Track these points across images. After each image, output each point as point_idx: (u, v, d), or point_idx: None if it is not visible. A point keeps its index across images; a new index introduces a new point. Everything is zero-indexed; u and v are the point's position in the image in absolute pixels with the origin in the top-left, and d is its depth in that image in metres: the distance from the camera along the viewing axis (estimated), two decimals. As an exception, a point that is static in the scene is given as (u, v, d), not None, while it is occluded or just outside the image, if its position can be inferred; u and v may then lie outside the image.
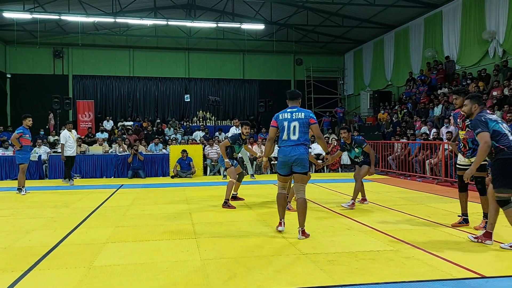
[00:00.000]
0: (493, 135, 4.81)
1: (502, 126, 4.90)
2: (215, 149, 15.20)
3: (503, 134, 4.81)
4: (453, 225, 6.00)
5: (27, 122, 10.33)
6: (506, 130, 4.89)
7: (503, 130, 4.84)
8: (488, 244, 4.95)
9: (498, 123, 4.90)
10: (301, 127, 5.39)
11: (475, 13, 15.37)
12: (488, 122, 4.85)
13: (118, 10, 19.02)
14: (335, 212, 7.23)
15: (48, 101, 20.26)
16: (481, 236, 5.07)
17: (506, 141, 4.78)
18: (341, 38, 23.30)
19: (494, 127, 4.84)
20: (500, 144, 4.79)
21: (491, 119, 4.91)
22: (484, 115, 4.95)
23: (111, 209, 7.75)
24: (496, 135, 4.81)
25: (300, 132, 5.38)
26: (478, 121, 4.91)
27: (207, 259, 4.45)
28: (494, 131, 4.82)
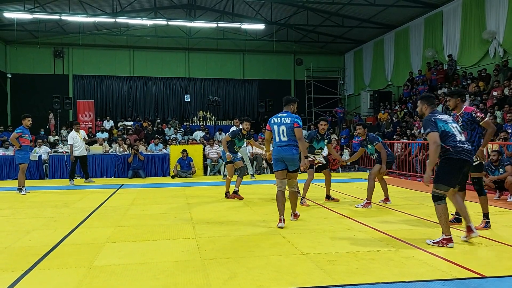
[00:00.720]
0: (442, 135, 4.85)
1: (451, 126, 4.94)
2: (215, 149, 15.20)
3: (451, 135, 4.87)
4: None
5: (26, 122, 10.34)
6: (455, 130, 4.94)
7: (452, 131, 4.89)
8: (474, 236, 5.01)
9: (447, 123, 4.94)
10: (288, 130, 6.05)
11: (475, 13, 15.36)
12: (437, 122, 4.89)
13: (118, 10, 19.02)
14: (335, 212, 7.23)
15: (48, 101, 20.28)
16: (468, 234, 5.07)
17: (452, 142, 4.84)
18: (341, 38, 23.29)
19: (443, 128, 4.89)
20: (447, 144, 4.86)
21: (441, 119, 4.94)
22: (434, 115, 4.98)
23: (111, 209, 7.76)
24: (444, 135, 4.86)
25: (288, 134, 6.06)
26: (427, 121, 4.95)
27: (207, 259, 4.45)
28: (443, 131, 4.87)
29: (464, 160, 4.82)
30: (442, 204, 4.91)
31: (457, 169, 4.86)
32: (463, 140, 4.92)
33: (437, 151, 4.82)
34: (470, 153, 4.91)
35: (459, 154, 4.81)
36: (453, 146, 4.83)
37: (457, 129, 4.99)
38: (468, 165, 4.93)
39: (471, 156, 4.92)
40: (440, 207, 4.91)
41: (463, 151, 4.83)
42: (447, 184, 4.87)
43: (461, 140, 4.89)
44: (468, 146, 4.92)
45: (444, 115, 5.06)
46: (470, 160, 4.89)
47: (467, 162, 4.86)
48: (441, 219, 4.94)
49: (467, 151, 4.85)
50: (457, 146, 4.82)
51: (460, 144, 4.84)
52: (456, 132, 4.91)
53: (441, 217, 4.92)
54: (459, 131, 4.98)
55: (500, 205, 7.80)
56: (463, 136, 5.00)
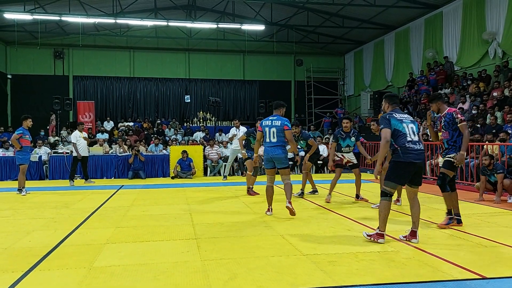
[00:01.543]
0: (394, 134, 5.01)
1: (405, 126, 5.06)
2: (215, 150, 15.20)
3: (402, 134, 5.00)
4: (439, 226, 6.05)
5: (27, 123, 10.35)
6: (410, 130, 5.05)
7: (404, 130, 5.02)
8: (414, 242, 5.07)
9: (402, 122, 5.07)
10: (278, 132, 6.70)
11: (475, 14, 15.38)
12: (391, 120, 5.06)
13: (118, 11, 19.03)
14: (335, 213, 7.23)
15: (48, 102, 20.27)
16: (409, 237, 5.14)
17: (402, 141, 4.98)
18: (341, 38, 23.31)
19: (396, 126, 5.03)
20: (396, 143, 5.01)
21: (396, 118, 5.08)
22: (391, 113, 5.14)
23: (111, 209, 7.75)
24: (396, 134, 5.01)
25: (277, 136, 6.71)
26: (382, 118, 5.14)
27: (207, 260, 4.44)
28: (395, 130, 5.02)
29: (411, 162, 4.97)
30: (386, 200, 5.07)
31: (405, 171, 5.02)
32: (414, 141, 5.02)
33: (386, 147, 5.02)
34: (419, 154, 5.02)
35: (407, 156, 4.95)
36: (402, 146, 4.97)
37: (412, 129, 5.09)
38: (416, 166, 5.03)
39: (420, 156, 5.04)
40: (383, 203, 5.07)
41: (411, 152, 4.96)
42: (395, 182, 5.04)
43: (412, 140, 5.00)
44: (418, 146, 5.03)
45: (402, 115, 5.19)
46: (418, 161, 5.01)
47: (414, 164, 4.99)
48: (380, 214, 5.08)
49: (415, 151, 4.98)
50: (405, 146, 4.96)
51: (409, 145, 4.97)
52: (409, 132, 5.03)
53: (381, 212, 5.07)
54: (413, 131, 5.08)
55: (500, 206, 7.79)
56: (416, 136, 5.08)
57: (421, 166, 5.15)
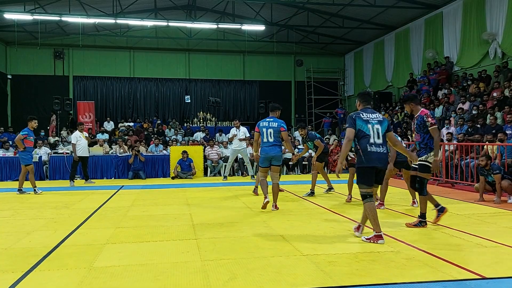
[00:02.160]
0: (358, 134, 5.03)
1: (370, 127, 5.04)
2: (215, 150, 15.20)
3: (365, 135, 5.00)
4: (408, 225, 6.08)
5: (32, 124, 10.39)
6: (373, 131, 5.03)
7: (368, 132, 5.01)
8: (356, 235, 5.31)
9: (368, 123, 5.05)
10: (275, 133, 7.24)
11: (476, 15, 15.37)
12: (357, 120, 5.05)
13: (118, 11, 19.03)
14: (335, 213, 7.23)
15: (48, 102, 20.27)
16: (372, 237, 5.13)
17: (363, 143, 5.00)
18: (341, 39, 23.31)
19: (360, 127, 5.03)
20: (359, 144, 5.05)
21: (362, 118, 5.08)
22: (358, 113, 5.15)
23: (111, 210, 7.76)
24: (360, 134, 5.03)
25: (274, 136, 7.24)
26: (349, 117, 5.17)
27: (207, 260, 4.45)
28: (359, 130, 5.03)
29: (371, 167, 5.03)
30: (368, 202, 5.08)
31: (369, 174, 5.07)
32: (377, 143, 5.02)
33: (348, 146, 5.10)
34: (381, 156, 5.03)
35: (368, 160, 4.99)
36: (363, 149, 5.01)
37: (378, 131, 5.05)
38: (378, 168, 5.09)
39: (381, 158, 5.05)
40: (367, 205, 5.09)
41: (372, 155, 4.98)
42: (366, 184, 5.09)
43: (374, 142, 5.01)
44: (381, 149, 5.04)
45: (371, 115, 5.15)
46: (379, 164, 5.04)
47: (374, 168, 5.04)
48: (369, 216, 5.12)
49: (376, 155, 5.00)
50: (366, 149, 4.99)
51: (371, 148, 4.99)
52: (372, 134, 5.02)
53: (369, 214, 5.11)
54: (378, 133, 5.05)
55: (500, 207, 7.78)
56: (380, 139, 5.06)
57: (383, 169, 5.19)
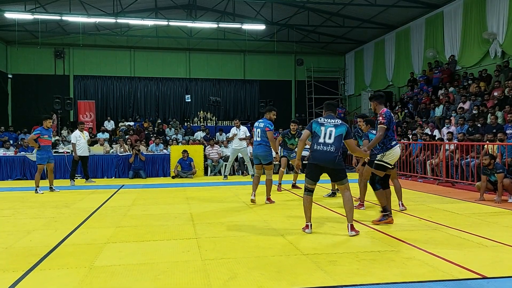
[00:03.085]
0: (313, 135, 5.61)
1: (324, 129, 5.51)
2: (215, 150, 15.20)
3: (317, 136, 5.55)
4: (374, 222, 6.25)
5: (47, 124, 10.42)
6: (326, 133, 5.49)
7: (319, 133, 5.53)
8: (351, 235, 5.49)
9: (322, 126, 5.56)
10: (261, 133, 7.89)
11: (476, 14, 15.35)
12: (312, 124, 5.67)
13: (119, 11, 19.03)
14: (336, 213, 7.23)
15: (49, 102, 20.25)
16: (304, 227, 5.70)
17: (313, 142, 5.56)
18: (342, 38, 23.29)
19: (315, 129, 5.61)
20: (312, 143, 5.61)
21: (318, 122, 5.64)
22: (316, 119, 5.71)
23: (112, 209, 7.76)
24: (314, 135, 5.60)
25: (261, 136, 7.87)
26: (310, 122, 5.80)
27: (207, 259, 4.45)
28: (314, 132, 5.60)
29: (314, 164, 5.55)
30: (307, 195, 5.65)
31: (311, 170, 5.61)
32: (326, 143, 5.47)
33: (300, 145, 5.76)
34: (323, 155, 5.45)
35: (312, 157, 5.56)
36: (312, 147, 5.57)
37: (330, 133, 5.49)
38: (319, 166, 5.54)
39: (323, 157, 5.45)
40: (304, 197, 5.68)
41: (316, 153, 5.49)
42: (308, 178, 5.64)
43: (323, 142, 5.48)
44: (327, 148, 5.45)
45: (329, 120, 5.62)
46: (320, 162, 5.49)
47: (316, 165, 5.54)
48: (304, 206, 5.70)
49: (320, 152, 5.47)
50: (313, 147, 5.54)
51: (317, 146, 5.49)
52: (324, 135, 5.50)
53: (304, 205, 5.69)
54: (330, 134, 5.48)
55: (500, 206, 7.78)
56: (331, 139, 5.46)
57: (328, 167, 5.52)
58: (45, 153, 10.28)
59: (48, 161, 10.35)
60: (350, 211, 5.56)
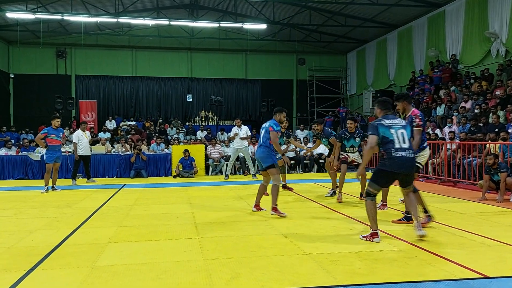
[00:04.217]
0: (382, 141, 5.08)
1: (393, 132, 5.06)
2: (217, 149, 15.20)
3: (390, 141, 5.03)
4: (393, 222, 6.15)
5: (55, 123, 10.46)
6: (397, 136, 5.04)
7: (391, 137, 5.04)
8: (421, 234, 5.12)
9: (391, 129, 5.08)
10: (264, 133, 7.05)
11: (478, 12, 15.32)
12: (379, 128, 5.10)
13: (120, 10, 19.04)
14: (337, 212, 7.22)
15: (51, 101, 20.27)
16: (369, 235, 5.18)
17: (389, 147, 5.02)
18: (343, 37, 23.26)
19: (383, 133, 5.07)
20: (384, 149, 5.08)
21: (384, 124, 5.12)
22: (380, 121, 5.19)
23: (113, 209, 7.76)
24: (383, 140, 5.07)
25: (263, 137, 7.04)
26: (371, 125, 5.23)
27: (209, 259, 4.45)
28: (383, 137, 5.07)
29: (394, 172, 5.07)
30: (370, 200, 5.18)
31: (387, 178, 5.22)
32: (403, 147, 5.01)
33: (370, 152, 5.20)
34: (405, 162, 5.02)
35: (391, 165, 5.02)
36: (388, 153, 5.03)
37: (403, 135, 5.07)
38: (399, 175, 5.11)
39: (405, 164, 5.03)
40: (368, 203, 5.18)
41: (397, 160, 4.98)
42: (378, 185, 5.21)
43: (400, 147, 5.00)
44: (407, 154, 5.03)
45: (392, 120, 5.19)
46: (401, 170, 5.03)
47: (396, 173, 5.08)
48: (368, 213, 5.19)
49: (401, 160, 4.98)
50: (391, 153, 5.01)
51: (396, 153, 4.99)
52: (397, 139, 5.03)
53: (368, 212, 5.19)
54: (403, 137, 5.06)
55: (503, 205, 7.76)
56: (406, 143, 5.06)
57: (407, 174, 5.15)
58: (53, 152, 10.33)
59: (55, 161, 10.39)
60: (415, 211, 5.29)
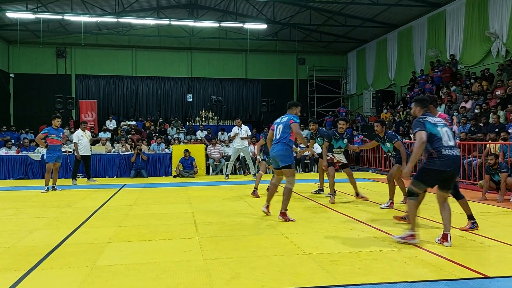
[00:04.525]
0: (429, 138, 4.86)
1: (440, 129, 4.92)
2: (217, 149, 15.21)
3: (438, 138, 4.86)
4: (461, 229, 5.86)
5: (55, 123, 10.49)
6: (444, 134, 4.90)
7: (439, 134, 4.88)
8: (446, 245, 4.89)
9: (436, 126, 4.93)
10: (283, 128, 6.46)
11: (479, 13, 15.31)
12: (426, 124, 4.91)
13: (121, 10, 19.03)
14: (338, 212, 7.22)
15: (51, 101, 20.25)
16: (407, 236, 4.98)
17: (438, 145, 4.83)
18: (344, 37, 23.25)
19: (431, 130, 4.88)
20: (432, 147, 4.86)
21: (429, 121, 4.95)
22: (424, 117, 5.02)
23: (113, 208, 7.76)
24: (431, 138, 4.86)
25: (282, 132, 6.45)
26: (416, 122, 5.00)
27: (209, 259, 4.45)
28: (430, 134, 4.87)
29: (443, 171, 4.85)
30: (413, 200, 5.03)
31: (434, 178, 4.96)
32: (451, 145, 4.87)
33: (421, 148, 4.85)
34: (455, 160, 4.88)
35: (442, 163, 4.81)
36: (438, 151, 4.83)
37: (448, 133, 4.95)
38: (447, 173, 4.89)
39: (454, 162, 4.88)
40: (411, 203, 5.03)
41: (447, 158, 4.80)
42: (424, 184, 5.01)
43: (448, 145, 4.86)
44: (456, 152, 4.90)
45: (434, 118, 5.08)
46: (449, 168, 4.85)
47: (445, 172, 4.86)
48: (409, 213, 5.07)
49: (451, 158, 4.82)
50: (441, 152, 4.82)
51: (445, 151, 4.82)
52: (444, 136, 4.89)
53: (410, 212, 5.06)
54: (448, 135, 4.93)
55: (503, 205, 7.77)
56: (452, 141, 4.93)
57: (454, 173, 4.97)
58: (54, 152, 10.34)
59: (56, 160, 10.40)
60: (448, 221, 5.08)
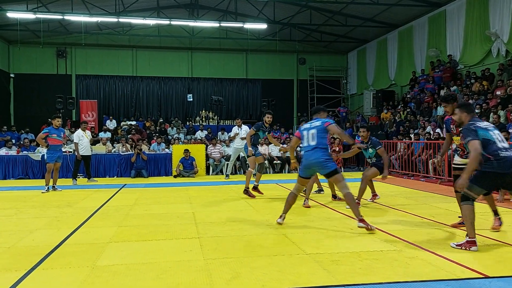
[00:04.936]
0: (483, 143, 4.71)
1: (492, 133, 4.80)
2: (217, 149, 15.21)
3: (492, 142, 4.72)
4: (452, 225, 5.95)
5: (56, 123, 10.50)
6: (496, 137, 4.78)
7: (493, 138, 4.75)
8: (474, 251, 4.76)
9: (488, 130, 4.80)
10: (318, 133, 5.90)
11: (479, 12, 15.30)
12: (478, 131, 4.76)
13: (121, 10, 19.04)
14: (338, 212, 7.22)
15: (51, 101, 20.26)
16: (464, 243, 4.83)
17: (493, 149, 4.68)
18: (344, 37, 23.25)
19: (484, 135, 4.74)
20: (488, 152, 4.70)
21: (481, 127, 4.81)
22: (474, 123, 4.87)
23: (114, 208, 7.76)
24: (486, 143, 4.72)
25: (317, 137, 5.87)
26: (467, 130, 4.84)
27: (210, 259, 4.44)
28: (484, 139, 4.72)
29: (503, 174, 4.65)
30: (469, 205, 4.82)
31: (495, 181, 4.78)
32: (506, 147, 4.72)
33: (477, 159, 4.64)
34: None
35: (501, 166, 4.62)
36: (495, 155, 4.66)
37: (499, 135, 4.82)
38: (508, 176, 4.67)
39: None
40: (466, 207, 4.83)
41: (507, 160, 4.62)
42: (483, 188, 4.82)
43: (503, 147, 4.70)
44: (511, 152, 4.70)
45: (484, 122, 4.95)
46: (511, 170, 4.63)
47: (505, 175, 4.65)
48: (466, 220, 4.86)
49: (510, 159, 4.63)
50: (498, 155, 4.64)
51: (502, 153, 4.65)
52: (497, 139, 4.75)
53: (466, 218, 4.85)
54: (500, 138, 4.81)
55: (503, 205, 7.76)
56: (505, 142, 4.80)
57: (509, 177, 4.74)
58: (54, 152, 10.35)
59: (56, 160, 10.41)
60: None
